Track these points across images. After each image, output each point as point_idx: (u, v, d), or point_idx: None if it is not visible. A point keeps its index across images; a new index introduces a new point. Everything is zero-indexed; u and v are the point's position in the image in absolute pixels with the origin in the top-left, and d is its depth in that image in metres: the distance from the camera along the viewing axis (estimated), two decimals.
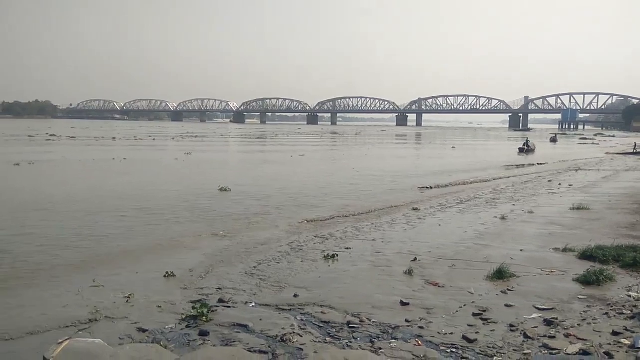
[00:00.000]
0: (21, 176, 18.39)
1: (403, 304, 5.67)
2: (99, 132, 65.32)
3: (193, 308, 5.47)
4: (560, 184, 17.39)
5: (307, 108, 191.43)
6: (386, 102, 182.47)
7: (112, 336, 4.76)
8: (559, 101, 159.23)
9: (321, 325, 5.15)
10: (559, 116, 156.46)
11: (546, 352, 4.44)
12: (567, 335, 4.75)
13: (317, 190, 15.60)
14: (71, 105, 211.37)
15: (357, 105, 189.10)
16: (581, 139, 66.03)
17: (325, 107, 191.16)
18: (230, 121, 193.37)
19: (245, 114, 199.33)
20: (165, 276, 6.83)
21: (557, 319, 5.14)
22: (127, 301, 5.87)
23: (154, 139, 50.29)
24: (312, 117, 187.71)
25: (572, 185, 17.19)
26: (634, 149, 38.04)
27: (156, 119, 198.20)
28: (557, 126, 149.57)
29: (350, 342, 4.74)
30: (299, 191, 15.18)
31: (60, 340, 3.97)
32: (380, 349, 4.56)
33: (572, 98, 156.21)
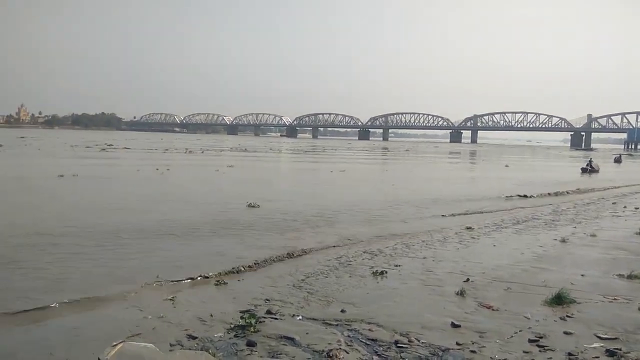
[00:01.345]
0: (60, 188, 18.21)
1: (454, 325, 5.49)
2: (156, 143, 67.84)
3: (241, 318, 5.54)
4: (625, 207, 16.42)
5: (359, 123, 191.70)
6: (440, 118, 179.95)
7: (163, 341, 4.88)
8: (624, 120, 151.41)
9: (368, 342, 5.07)
10: (624, 135, 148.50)
11: None
12: None
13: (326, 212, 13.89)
14: (135, 117, 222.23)
15: (409, 121, 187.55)
16: None
17: (377, 123, 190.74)
18: (281, 135, 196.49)
19: (297, 128, 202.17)
20: (215, 285, 6.98)
21: (620, 349, 4.81)
22: (178, 307, 6.02)
23: (202, 152, 51.47)
24: (364, 133, 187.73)
25: (638, 208, 16.19)
26: None
27: (213, 132, 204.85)
28: (622, 146, 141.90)
29: None
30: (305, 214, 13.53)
31: (115, 343, 4.11)
32: None
33: (639, 117, 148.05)
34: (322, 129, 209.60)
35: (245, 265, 7.96)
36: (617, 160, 55.49)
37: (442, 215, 13.71)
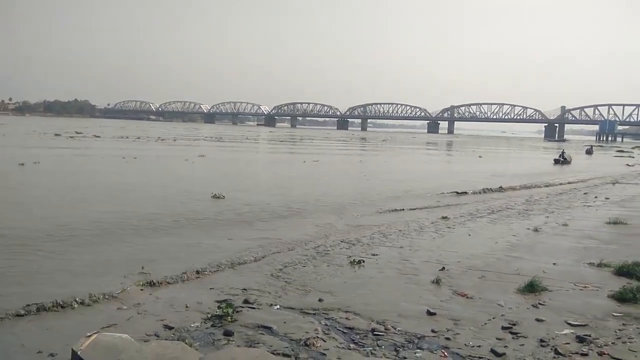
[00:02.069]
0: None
1: (430, 313, 5.57)
2: (128, 132, 65.96)
3: (218, 308, 5.51)
4: (596, 197, 16.85)
5: (338, 113, 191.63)
6: (417, 109, 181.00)
7: (138, 332, 4.83)
8: (596, 112, 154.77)
9: (345, 331, 5.11)
10: (596, 127, 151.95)
11: None
12: (600, 354, 4.57)
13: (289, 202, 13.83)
14: (108, 105, 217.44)
15: (387, 111, 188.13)
16: (618, 151, 63.81)
17: (356, 113, 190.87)
18: (258, 124, 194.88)
19: (276, 117, 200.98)
20: (191, 277, 6.93)
21: (590, 336, 4.95)
22: (153, 298, 5.96)
23: (174, 140, 50.36)
24: (342, 123, 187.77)
25: (608, 198, 16.63)
26: None
27: (190, 120, 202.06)
28: (594, 137, 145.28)
29: (374, 349, 4.68)
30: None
31: (89, 334, 4.05)
32: (405, 358, 4.49)
33: (610, 109, 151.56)
34: (300, 118, 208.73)
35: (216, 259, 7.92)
36: (589, 152, 56.67)
37: (378, 212, 12.83)
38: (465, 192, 16.98)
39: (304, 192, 15.93)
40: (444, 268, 7.39)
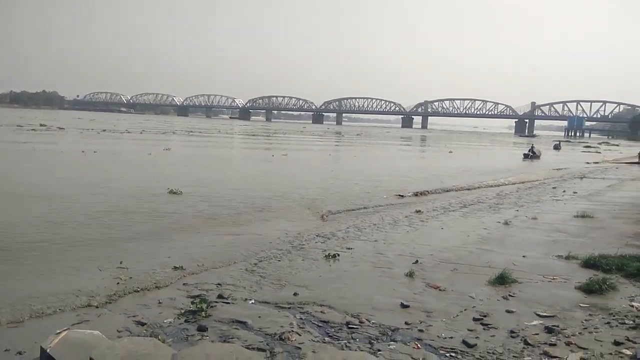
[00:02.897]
0: None
1: (403, 306, 5.63)
2: (96, 124, 64.05)
3: (192, 303, 5.46)
4: (564, 191, 17.30)
5: (313, 107, 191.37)
6: (392, 104, 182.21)
7: (110, 328, 4.75)
8: (565, 108, 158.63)
9: (320, 324, 5.13)
10: (565, 123, 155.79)
11: (547, 359, 4.40)
12: (568, 344, 4.70)
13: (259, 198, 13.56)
14: (78, 96, 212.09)
15: (362, 105, 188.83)
16: (585, 147, 65.50)
17: (331, 107, 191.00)
18: (231, 117, 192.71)
19: (251, 111, 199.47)
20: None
21: (558, 326, 5.09)
22: (126, 295, 5.87)
23: (141, 133, 49.17)
24: (318, 117, 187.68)
25: (576, 192, 17.09)
26: (639, 158, 37.80)
27: (162, 113, 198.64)
28: (562, 133, 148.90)
29: (349, 342, 4.71)
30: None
31: (58, 331, 3.95)
32: (379, 350, 4.53)
33: (579, 105, 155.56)
34: (276, 112, 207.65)
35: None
36: (556, 147, 57.82)
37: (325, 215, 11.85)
38: (425, 193, 16.11)
39: (266, 188, 15.43)
40: (417, 261, 7.48)
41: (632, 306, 5.69)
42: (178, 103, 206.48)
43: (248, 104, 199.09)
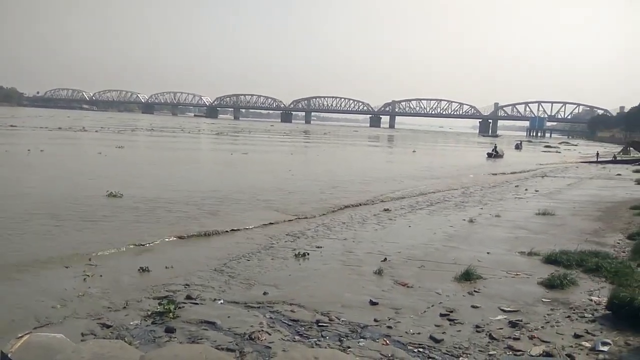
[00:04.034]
0: None
1: (372, 303, 5.69)
2: (53, 121, 61.31)
3: (159, 304, 5.37)
4: (526, 190, 17.82)
5: (282, 106, 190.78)
6: (360, 103, 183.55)
7: (74, 331, 4.62)
8: (527, 109, 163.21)
9: (290, 323, 5.13)
10: (527, 123, 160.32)
11: (511, 353, 4.53)
12: (530, 337, 4.85)
13: (213, 199, 13.00)
14: (38, 93, 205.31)
15: (331, 104, 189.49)
16: (545, 146, 67.57)
17: (300, 106, 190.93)
18: (196, 115, 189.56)
19: (218, 109, 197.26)
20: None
21: (521, 321, 5.24)
22: (89, 296, 5.72)
23: (96, 131, 47.28)
24: (286, 115, 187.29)
25: (538, 191, 17.63)
26: (597, 158, 39.34)
27: (126, 110, 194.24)
28: (525, 133, 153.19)
29: (319, 340, 4.73)
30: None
31: (20, 335, 3.83)
32: (349, 347, 4.56)
33: (540, 106, 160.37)
34: (244, 110, 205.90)
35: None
36: (518, 147, 59.04)
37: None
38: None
39: (217, 189, 14.58)
40: (385, 259, 7.57)
41: (591, 300, 5.91)
42: (143, 100, 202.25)
43: (215, 102, 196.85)
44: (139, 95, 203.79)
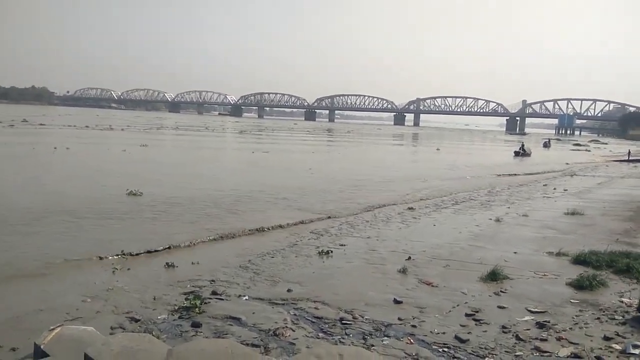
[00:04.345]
0: None
1: (396, 302, 5.67)
2: (81, 120, 61.99)
3: (186, 299, 5.46)
4: (555, 189, 17.46)
5: (305, 104, 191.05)
6: (384, 101, 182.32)
7: (104, 325, 4.75)
8: (556, 106, 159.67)
9: (314, 320, 5.15)
10: (556, 121, 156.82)
11: (538, 354, 4.46)
12: (558, 339, 4.77)
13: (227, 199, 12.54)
14: (68, 92, 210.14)
15: (355, 103, 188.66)
16: (574, 144, 65.84)
17: (324, 104, 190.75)
18: (220, 114, 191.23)
19: (242, 107, 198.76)
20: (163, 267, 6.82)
21: (549, 322, 5.15)
22: (119, 291, 5.85)
23: (122, 129, 47.82)
24: (310, 114, 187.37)
25: (567, 190, 17.26)
26: (628, 156, 38.22)
27: (153, 109, 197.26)
28: (553, 131, 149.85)
29: (343, 338, 4.74)
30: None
31: (52, 327, 3.94)
32: (373, 345, 4.56)
33: (569, 104, 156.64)
34: (268, 109, 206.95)
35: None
36: (546, 145, 57.39)
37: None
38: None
39: (237, 188, 14.26)
40: (410, 257, 7.53)
41: (622, 302, 5.77)
42: (169, 99, 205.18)
43: (240, 101, 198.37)
44: (165, 94, 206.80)
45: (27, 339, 4.20)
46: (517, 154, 37.70)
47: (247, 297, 5.76)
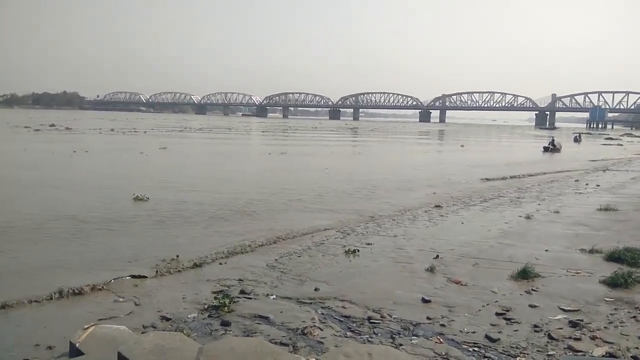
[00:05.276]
0: None
1: (424, 301, 5.63)
2: (108, 123, 63.12)
3: (215, 298, 5.54)
4: (587, 184, 17.01)
5: (330, 103, 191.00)
6: (409, 98, 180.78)
7: (136, 324, 4.85)
8: (587, 99, 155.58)
9: (342, 319, 5.15)
10: (587, 115, 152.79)
11: (571, 353, 4.36)
12: (593, 338, 4.65)
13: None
14: (98, 96, 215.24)
15: (379, 100, 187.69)
16: (606, 139, 63.80)
17: (348, 102, 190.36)
18: (243, 114, 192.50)
19: (267, 108, 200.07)
20: (189, 269, 6.92)
21: (582, 320, 5.03)
22: (150, 291, 5.97)
23: (145, 132, 47.90)
24: (334, 112, 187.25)
25: (599, 185, 16.79)
26: None
27: (180, 111, 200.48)
28: (584, 125, 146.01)
29: (371, 337, 4.73)
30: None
31: (86, 326, 4.05)
32: (401, 345, 4.54)
33: (600, 96, 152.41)
34: (292, 108, 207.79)
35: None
36: (576, 140, 55.18)
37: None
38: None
39: (238, 192, 13.63)
40: (437, 256, 7.45)
41: None
42: (196, 101, 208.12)
43: (265, 101, 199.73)
44: (192, 96, 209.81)
45: (62, 337, 4.32)
46: (546, 149, 36.82)
47: (274, 296, 5.80)
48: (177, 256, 7.25)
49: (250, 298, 5.73)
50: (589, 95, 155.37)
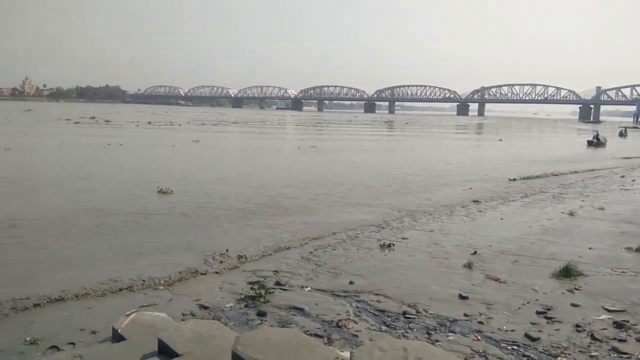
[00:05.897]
0: None
1: (462, 297, 5.53)
2: (147, 116, 63.65)
3: (251, 289, 5.61)
4: (634, 180, 16.34)
5: (365, 96, 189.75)
6: (446, 91, 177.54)
7: (175, 311, 4.97)
8: (634, 92, 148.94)
9: (376, 313, 5.13)
10: (633, 108, 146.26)
11: (615, 355, 4.21)
12: (639, 340, 4.47)
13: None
14: (139, 90, 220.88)
15: (416, 93, 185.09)
16: None
17: (384, 95, 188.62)
18: (277, 108, 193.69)
19: (302, 101, 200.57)
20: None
21: (628, 321, 4.84)
22: (189, 281, 6.10)
23: (180, 125, 48.18)
24: (370, 106, 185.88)
25: None
26: None
27: (217, 105, 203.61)
28: (631, 119, 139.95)
29: (406, 332, 4.69)
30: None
31: (128, 313, 4.17)
32: (437, 341, 4.48)
33: None
34: (327, 102, 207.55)
35: None
36: (622, 134, 52.58)
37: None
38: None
39: (265, 185, 13.45)
40: (475, 252, 7.31)
41: None
42: (232, 95, 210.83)
43: (300, 95, 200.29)
44: (229, 90, 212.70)
45: (105, 323, 4.47)
46: (590, 143, 35.51)
47: (309, 288, 5.82)
48: (227, 250, 7.23)
49: (285, 289, 5.78)
50: (636, 87, 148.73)
